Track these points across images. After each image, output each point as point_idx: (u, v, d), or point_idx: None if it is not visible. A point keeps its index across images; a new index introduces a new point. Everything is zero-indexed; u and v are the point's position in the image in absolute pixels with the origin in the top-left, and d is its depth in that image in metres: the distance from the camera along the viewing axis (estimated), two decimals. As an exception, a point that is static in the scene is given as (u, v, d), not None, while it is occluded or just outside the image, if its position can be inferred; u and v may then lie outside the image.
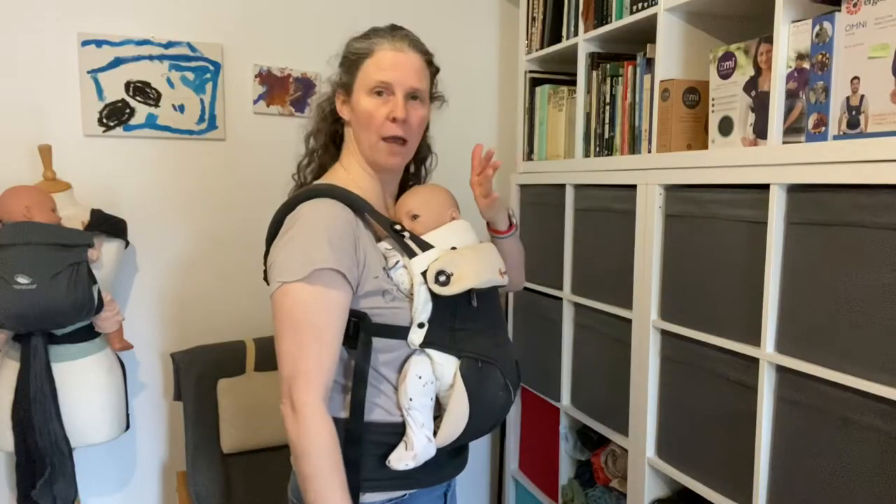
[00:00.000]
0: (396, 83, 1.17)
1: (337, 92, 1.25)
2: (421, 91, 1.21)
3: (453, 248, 1.17)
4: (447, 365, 1.15)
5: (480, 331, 1.18)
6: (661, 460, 1.60)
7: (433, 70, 1.27)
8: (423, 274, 1.13)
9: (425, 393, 1.14)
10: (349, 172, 1.24)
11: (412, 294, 1.14)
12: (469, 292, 1.14)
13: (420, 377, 1.13)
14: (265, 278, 1.18)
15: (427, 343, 1.14)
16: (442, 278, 1.11)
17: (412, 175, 1.39)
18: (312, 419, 1.06)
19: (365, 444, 1.14)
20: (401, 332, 1.14)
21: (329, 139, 1.30)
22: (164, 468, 2.21)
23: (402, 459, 1.13)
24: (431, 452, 1.15)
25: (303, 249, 1.08)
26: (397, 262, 1.15)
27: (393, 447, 1.15)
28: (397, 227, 1.17)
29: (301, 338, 1.07)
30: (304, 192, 1.16)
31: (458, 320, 1.16)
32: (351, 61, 1.21)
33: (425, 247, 1.16)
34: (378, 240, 1.19)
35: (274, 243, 1.14)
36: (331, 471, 1.06)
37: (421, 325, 1.13)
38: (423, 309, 1.13)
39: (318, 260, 1.06)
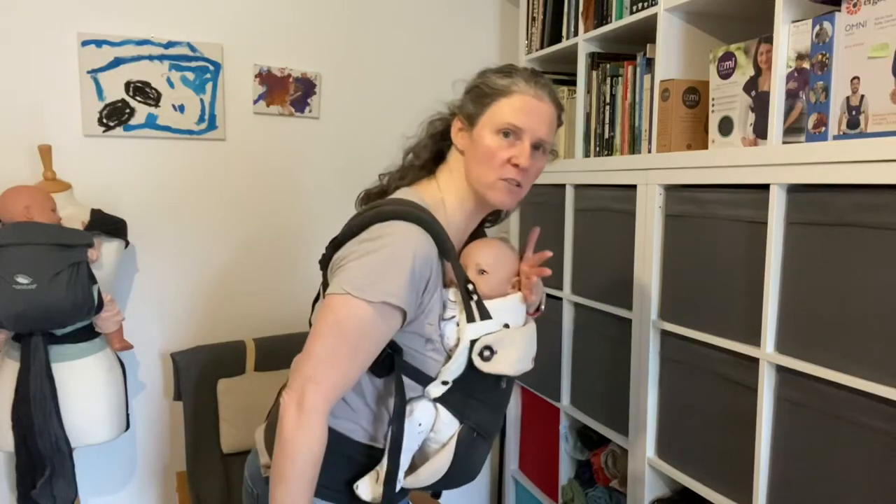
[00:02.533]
0: (528, 130, 1.13)
1: (457, 117, 1.21)
2: (547, 143, 1.17)
3: (506, 326, 1.16)
4: (449, 425, 1.14)
5: (490, 406, 1.19)
6: (661, 460, 1.60)
7: (559, 124, 1.24)
8: (472, 341, 1.12)
9: (417, 440, 1.15)
10: (442, 193, 1.21)
11: (452, 351, 1.13)
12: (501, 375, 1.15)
13: (420, 425, 1.14)
14: (322, 263, 1.16)
15: (441, 400, 1.14)
16: (486, 353, 1.11)
17: (491, 216, 1.35)
18: (316, 427, 1.05)
19: (336, 454, 1.13)
20: (424, 380, 1.14)
21: (430, 159, 1.26)
22: (164, 468, 2.21)
23: (369, 491, 1.14)
24: (394, 490, 1.15)
25: (382, 273, 1.04)
26: (453, 317, 1.14)
27: (362, 467, 1.16)
28: (470, 286, 1.14)
29: (339, 349, 1.05)
30: (402, 209, 1.11)
31: (478, 391, 1.16)
32: (484, 94, 1.17)
33: (485, 315, 1.13)
34: (445, 285, 1.16)
35: (352, 243, 1.10)
36: (310, 480, 1.05)
37: (444, 383, 1.14)
38: (454, 371, 1.13)
39: (391, 293, 1.04)
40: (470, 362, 1.12)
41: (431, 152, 1.25)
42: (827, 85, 1.19)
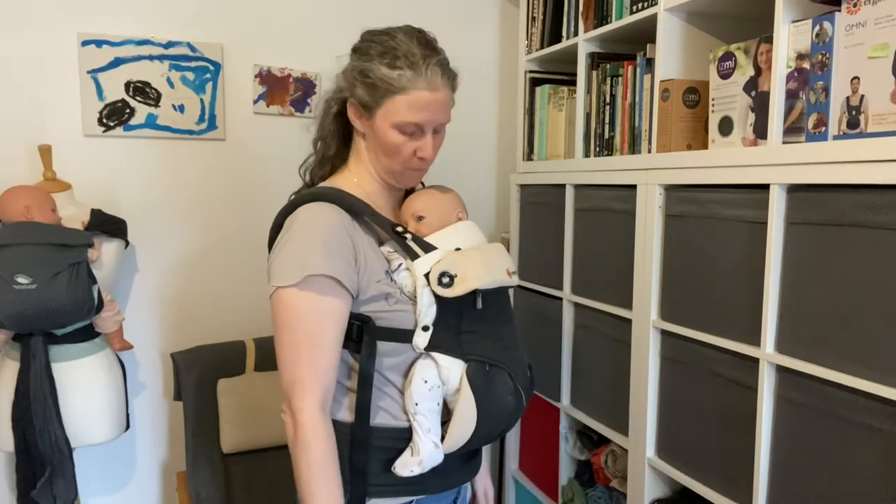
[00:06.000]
0: (428, 124, 1.14)
1: (351, 101, 1.19)
2: (446, 122, 1.19)
3: (457, 249, 1.15)
4: (453, 369, 1.12)
5: (488, 333, 1.16)
6: (661, 460, 1.60)
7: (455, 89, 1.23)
8: (427, 276, 1.10)
9: (431, 398, 1.12)
10: (356, 177, 1.23)
11: (416, 297, 1.12)
12: (474, 294, 1.12)
13: (426, 381, 1.11)
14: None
15: (432, 346, 1.12)
16: (445, 280, 1.09)
17: None
18: (306, 427, 1.06)
19: (370, 448, 1.13)
20: (405, 336, 1.12)
21: (340, 143, 1.27)
22: (164, 468, 2.21)
23: (408, 465, 1.11)
24: (438, 459, 1.13)
25: (296, 254, 1.07)
26: (400, 265, 1.14)
27: (399, 452, 1.13)
28: (399, 228, 1.15)
29: (297, 344, 1.07)
30: (303, 196, 1.15)
31: (465, 323, 1.13)
32: (375, 86, 1.13)
33: (428, 248, 1.13)
34: (381, 243, 1.17)
35: (273, 246, 1.14)
36: (320, 481, 1.05)
37: (426, 329, 1.11)
38: (427, 312, 1.11)
39: (310, 266, 1.05)
40: (440, 298, 1.11)
41: (338, 136, 1.26)
42: (827, 85, 1.19)
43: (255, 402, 1.99)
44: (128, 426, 1.93)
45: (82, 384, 1.78)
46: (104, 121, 2.00)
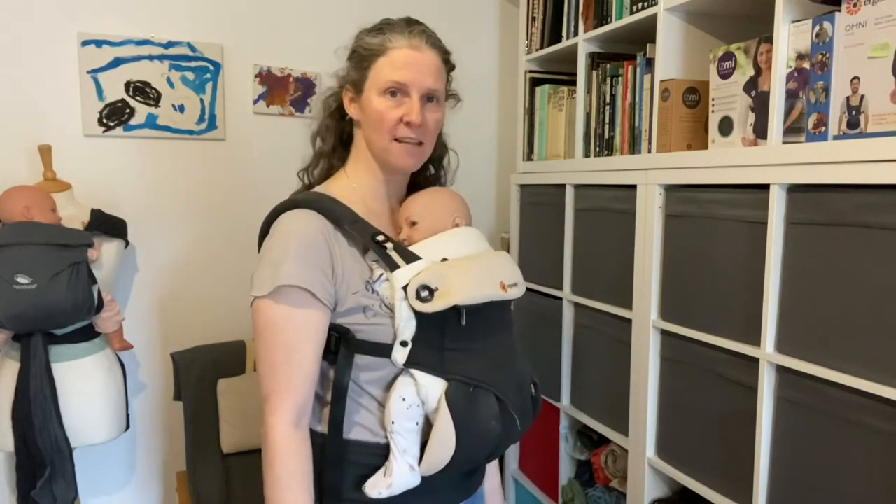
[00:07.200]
0: (412, 84, 1.09)
1: (345, 88, 1.17)
2: (438, 92, 1.13)
3: (444, 260, 1.07)
4: (433, 388, 1.05)
5: (478, 351, 1.08)
6: (661, 460, 1.60)
7: (450, 68, 1.20)
8: (406, 288, 1.03)
9: (409, 417, 1.05)
10: (351, 179, 1.18)
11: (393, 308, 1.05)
12: (459, 309, 1.04)
13: (404, 399, 1.05)
14: None
15: (412, 363, 1.05)
16: (424, 293, 1.01)
17: (432, 176, 1.29)
18: (275, 443, 1.02)
19: (344, 463, 1.08)
20: (384, 350, 1.06)
21: (337, 140, 1.23)
22: (164, 468, 2.21)
23: (377, 487, 1.05)
24: (413, 482, 1.06)
25: (272, 263, 1.03)
26: (381, 276, 1.07)
27: (375, 469, 1.07)
28: (380, 237, 1.08)
29: (271, 358, 1.04)
30: (285, 202, 1.11)
31: (448, 339, 1.06)
32: (362, 57, 1.13)
33: (411, 258, 1.06)
34: (366, 251, 1.10)
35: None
36: (283, 500, 1.01)
37: (404, 344, 1.05)
38: (405, 326, 1.04)
39: (282, 276, 1.01)
40: (419, 312, 1.03)
41: (336, 133, 1.23)
42: (827, 85, 1.19)
43: (254, 402, 1.98)
44: (128, 426, 1.93)
45: (82, 384, 1.78)
46: (104, 121, 2.00)
